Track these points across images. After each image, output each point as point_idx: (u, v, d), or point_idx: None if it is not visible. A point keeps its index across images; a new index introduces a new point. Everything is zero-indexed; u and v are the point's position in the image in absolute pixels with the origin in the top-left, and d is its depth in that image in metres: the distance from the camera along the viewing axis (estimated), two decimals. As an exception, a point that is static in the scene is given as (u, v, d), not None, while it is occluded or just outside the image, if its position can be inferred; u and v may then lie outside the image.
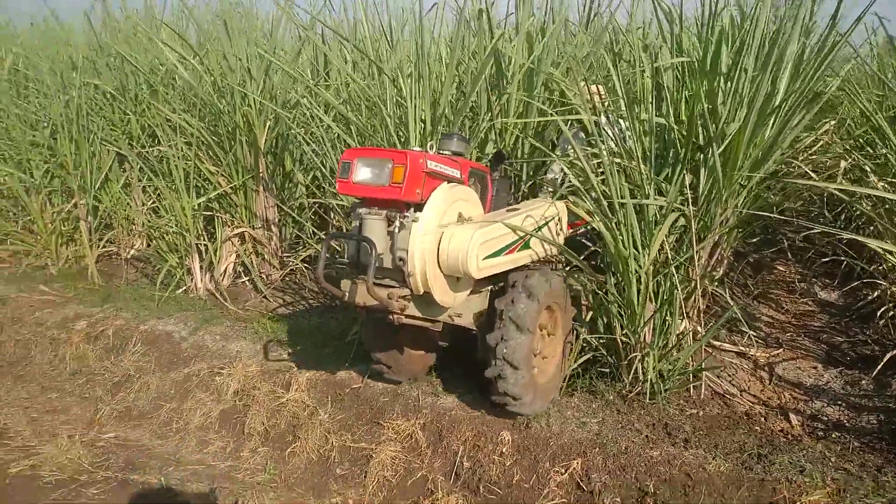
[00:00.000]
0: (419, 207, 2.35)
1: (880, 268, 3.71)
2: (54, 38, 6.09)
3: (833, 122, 4.21)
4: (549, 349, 2.81)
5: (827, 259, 4.20)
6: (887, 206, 3.48)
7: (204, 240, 4.32)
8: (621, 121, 3.00)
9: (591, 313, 2.98)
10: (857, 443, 2.63)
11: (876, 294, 3.74)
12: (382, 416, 2.86)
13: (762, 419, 2.88)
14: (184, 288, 4.32)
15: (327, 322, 3.75)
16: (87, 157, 4.84)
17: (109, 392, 3.45)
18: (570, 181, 2.94)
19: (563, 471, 2.48)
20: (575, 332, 2.93)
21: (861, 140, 3.99)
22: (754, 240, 4.49)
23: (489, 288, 2.66)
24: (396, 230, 2.32)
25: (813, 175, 3.30)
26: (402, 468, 2.68)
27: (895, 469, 2.34)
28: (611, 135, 2.98)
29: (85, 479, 2.69)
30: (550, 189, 3.16)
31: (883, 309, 3.49)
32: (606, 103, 3.12)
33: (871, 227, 3.91)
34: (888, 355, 3.06)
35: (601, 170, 2.83)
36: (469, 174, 2.65)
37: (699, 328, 3.16)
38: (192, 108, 4.51)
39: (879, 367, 3.04)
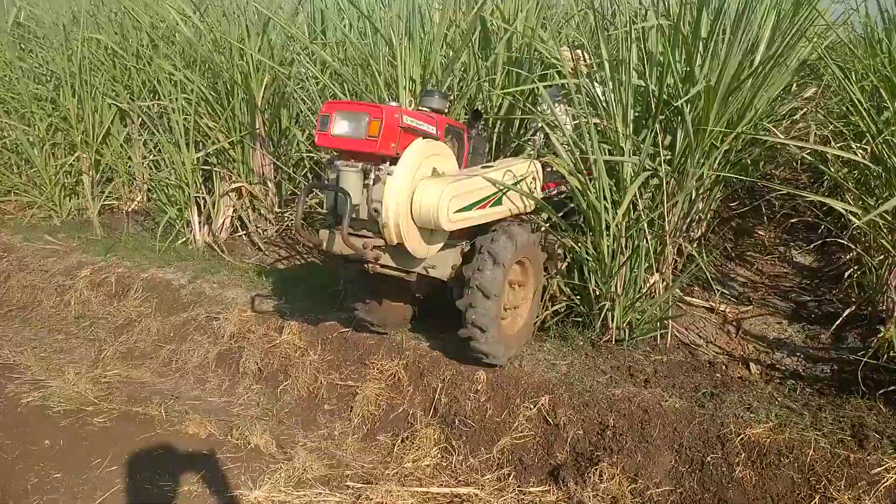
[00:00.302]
0: (395, 161, 2.43)
1: (854, 233, 3.88)
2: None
3: (814, 90, 4.32)
4: (520, 299, 2.97)
5: (798, 222, 4.36)
6: (855, 172, 3.64)
7: (202, 194, 4.47)
8: (597, 84, 3.11)
9: (564, 264, 3.14)
10: (809, 389, 2.82)
11: (848, 257, 3.91)
12: (368, 357, 3.06)
13: (723, 367, 3.07)
14: (183, 239, 4.49)
15: (318, 273, 3.93)
16: (90, 112, 4.97)
17: (112, 334, 3.66)
18: (548, 139, 3.07)
19: (532, 406, 2.68)
20: (546, 278, 3.08)
21: (838, 108, 4.10)
22: (735, 203, 4.63)
23: (464, 242, 2.75)
24: (371, 182, 2.41)
25: (780, 136, 3.41)
26: (385, 403, 2.89)
27: (834, 409, 2.54)
28: (590, 96, 3.09)
29: (91, 409, 2.90)
30: (533, 143, 3.29)
31: (850, 271, 3.66)
32: (590, 65, 3.24)
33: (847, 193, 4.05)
34: (846, 312, 3.24)
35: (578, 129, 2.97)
36: (446, 131, 2.71)
37: (671, 283, 3.34)
38: (192, 65, 4.62)
39: (837, 322, 3.22)
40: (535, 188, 2.99)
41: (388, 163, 2.43)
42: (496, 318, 2.65)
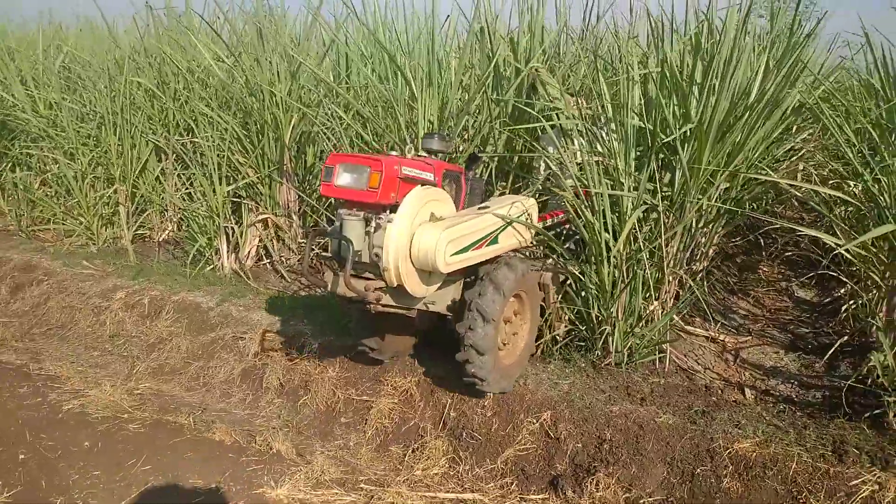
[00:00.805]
0: (394, 209, 2.57)
1: (851, 269, 4.05)
2: (102, 39, 6.63)
3: (810, 132, 4.56)
4: (517, 333, 3.11)
5: (800, 259, 4.54)
6: (851, 209, 3.84)
7: (231, 224, 4.77)
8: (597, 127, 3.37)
9: (560, 296, 3.32)
10: (798, 412, 2.97)
11: (843, 291, 4.08)
12: (383, 374, 3.27)
13: (719, 391, 3.24)
14: (211, 266, 4.78)
15: (335, 300, 4.15)
16: (129, 148, 5.34)
17: (145, 351, 3.91)
18: (551, 173, 3.32)
19: (534, 421, 2.87)
20: (542, 313, 3.25)
21: (835, 149, 4.33)
22: (739, 239, 4.83)
23: (462, 278, 2.88)
24: (373, 230, 2.55)
25: (773, 175, 3.62)
26: (397, 417, 3.09)
27: (818, 428, 2.70)
28: (592, 136, 3.35)
29: (126, 417, 3.13)
30: (538, 178, 3.54)
31: (846, 305, 3.83)
32: (589, 112, 3.51)
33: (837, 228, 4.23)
34: (839, 342, 3.40)
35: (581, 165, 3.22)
36: (443, 175, 2.86)
37: (675, 314, 3.53)
38: (225, 105, 4.98)
39: (830, 351, 3.38)
40: (529, 224, 3.13)
41: (388, 211, 2.57)
42: (493, 343, 2.76)
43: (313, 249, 3.96)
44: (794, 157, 4.62)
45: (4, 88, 6.00)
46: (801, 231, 3.72)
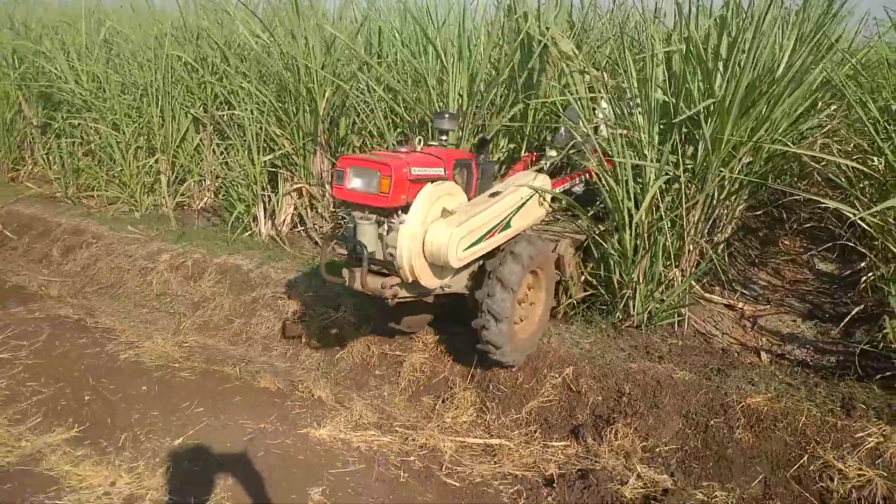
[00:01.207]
0: (406, 209, 2.60)
1: (873, 243, 4.13)
2: (142, 14, 6.85)
3: (834, 107, 4.61)
4: (530, 311, 3.21)
5: (822, 232, 4.62)
6: (867, 182, 3.92)
7: (268, 192, 4.99)
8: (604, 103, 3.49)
9: (580, 260, 3.46)
10: (812, 374, 3.11)
11: (863, 264, 4.17)
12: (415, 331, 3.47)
13: (735, 354, 3.38)
14: (249, 232, 5.01)
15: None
16: (170, 120, 5.57)
17: (190, 309, 4.17)
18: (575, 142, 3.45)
19: (557, 376, 3.05)
20: (557, 290, 3.35)
21: (856, 125, 4.38)
22: (760, 213, 4.91)
23: (477, 261, 2.93)
24: (386, 232, 2.60)
25: (789, 146, 3.70)
26: (428, 370, 3.30)
27: (829, 386, 2.85)
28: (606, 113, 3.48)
29: (177, 366, 3.38)
30: (559, 146, 3.66)
31: (864, 276, 3.93)
32: (609, 86, 3.63)
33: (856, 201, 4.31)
34: (856, 310, 3.52)
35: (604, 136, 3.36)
36: (454, 165, 2.88)
37: (693, 280, 3.67)
38: (262, 78, 5.17)
39: (847, 319, 3.50)
40: (543, 201, 3.21)
41: (399, 212, 2.60)
42: (511, 309, 2.87)
43: (332, 251, 3.97)
44: (819, 133, 4.68)
45: (48, 61, 6.26)
46: (821, 202, 3.81)
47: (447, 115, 3.02)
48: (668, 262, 3.50)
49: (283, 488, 2.43)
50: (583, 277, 3.60)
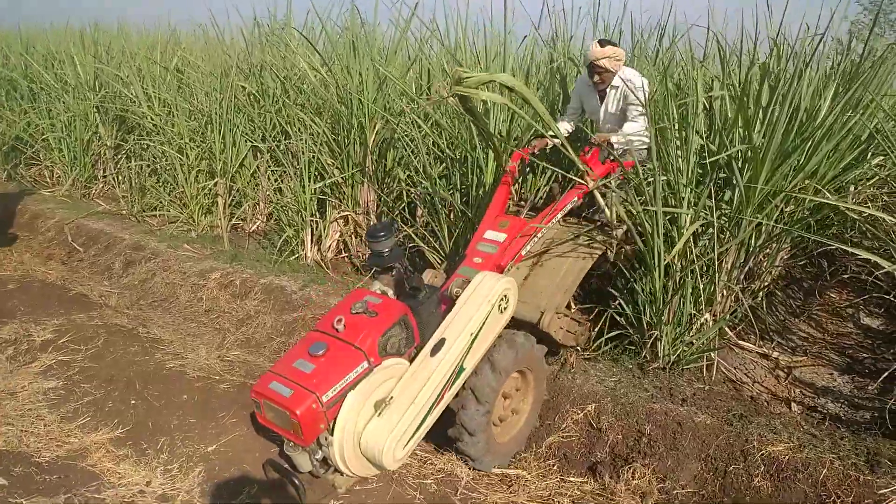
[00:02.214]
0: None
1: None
2: (212, 45, 7.34)
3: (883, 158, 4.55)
4: (517, 410, 3.03)
5: (871, 286, 4.52)
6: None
7: (316, 218, 5.23)
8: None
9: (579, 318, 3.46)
10: (840, 426, 3.05)
11: (911, 319, 4.07)
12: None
13: (765, 404, 3.35)
14: (296, 256, 5.24)
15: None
16: (230, 146, 5.92)
17: (235, 326, 4.38)
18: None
19: (579, 412, 3.09)
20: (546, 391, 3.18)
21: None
22: (802, 260, 4.84)
23: None
24: (319, 457, 2.42)
25: (830, 198, 3.67)
26: (453, 399, 3.38)
27: (854, 440, 2.79)
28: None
29: (217, 378, 3.58)
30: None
31: (909, 332, 3.83)
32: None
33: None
34: (894, 366, 3.44)
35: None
36: (384, 335, 2.50)
37: (723, 325, 3.67)
38: (317, 110, 5.46)
39: (885, 375, 3.42)
40: (507, 306, 2.79)
41: (328, 434, 2.36)
42: (485, 423, 2.70)
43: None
44: (868, 184, 4.61)
45: (125, 86, 6.76)
46: (856, 253, 3.76)
47: (382, 232, 2.59)
48: (699, 306, 3.51)
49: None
50: (584, 327, 3.45)
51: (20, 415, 3.07)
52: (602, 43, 3.54)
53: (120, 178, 7.10)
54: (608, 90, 3.74)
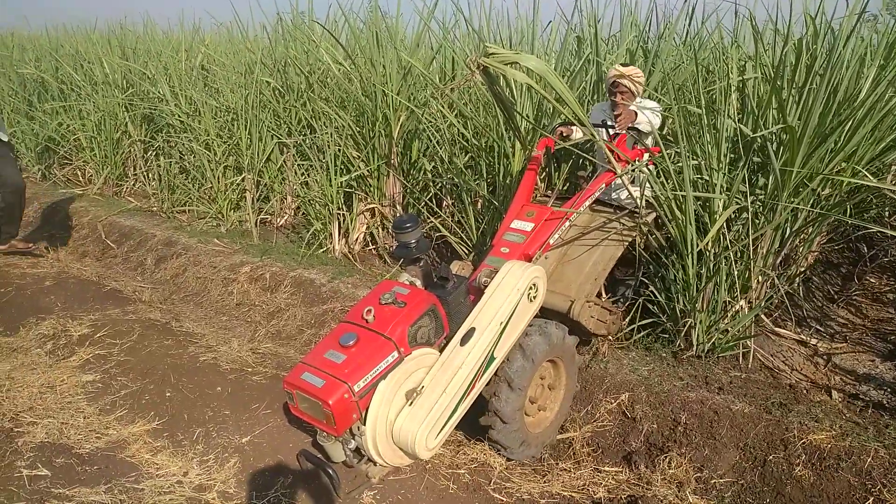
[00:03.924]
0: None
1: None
2: (235, 42, 7.38)
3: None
4: (549, 400, 3.01)
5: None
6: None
7: (343, 211, 5.24)
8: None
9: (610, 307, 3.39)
10: (884, 413, 2.96)
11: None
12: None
13: (804, 392, 3.27)
14: (323, 249, 5.27)
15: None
16: (256, 141, 5.96)
17: (265, 318, 4.42)
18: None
19: (612, 401, 3.05)
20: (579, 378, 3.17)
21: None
22: (840, 244, 4.71)
23: None
24: (353, 447, 2.42)
25: (871, 179, 3.55)
26: (484, 389, 3.36)
27: (902, 427, 2.71)
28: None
29: (250, 370, 3.61)
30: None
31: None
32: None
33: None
34: (940, 353, 3.33)
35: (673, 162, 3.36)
36: (413, 324, 2.49)
37: (759, 312, 3.59)
38: (341, 104, 5.46)
39: (929, 361, 3.32)
40: (536, 295, 2.75)
41: (360, 423, 2.36)
42: (518, 411, 2.70)
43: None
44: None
45: (153, 84, 6.84)
46: (892, 234, 3.64)
47: (409, 224, 2.62)
48: (734, 293, 3.43)
49: (337, 490, 2.56)
50: (615, 316, 3.39)
51: (60, 407, 3.14)
52: (625, 64, 3.50)
53: (150, 175, 7.21)
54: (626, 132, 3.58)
